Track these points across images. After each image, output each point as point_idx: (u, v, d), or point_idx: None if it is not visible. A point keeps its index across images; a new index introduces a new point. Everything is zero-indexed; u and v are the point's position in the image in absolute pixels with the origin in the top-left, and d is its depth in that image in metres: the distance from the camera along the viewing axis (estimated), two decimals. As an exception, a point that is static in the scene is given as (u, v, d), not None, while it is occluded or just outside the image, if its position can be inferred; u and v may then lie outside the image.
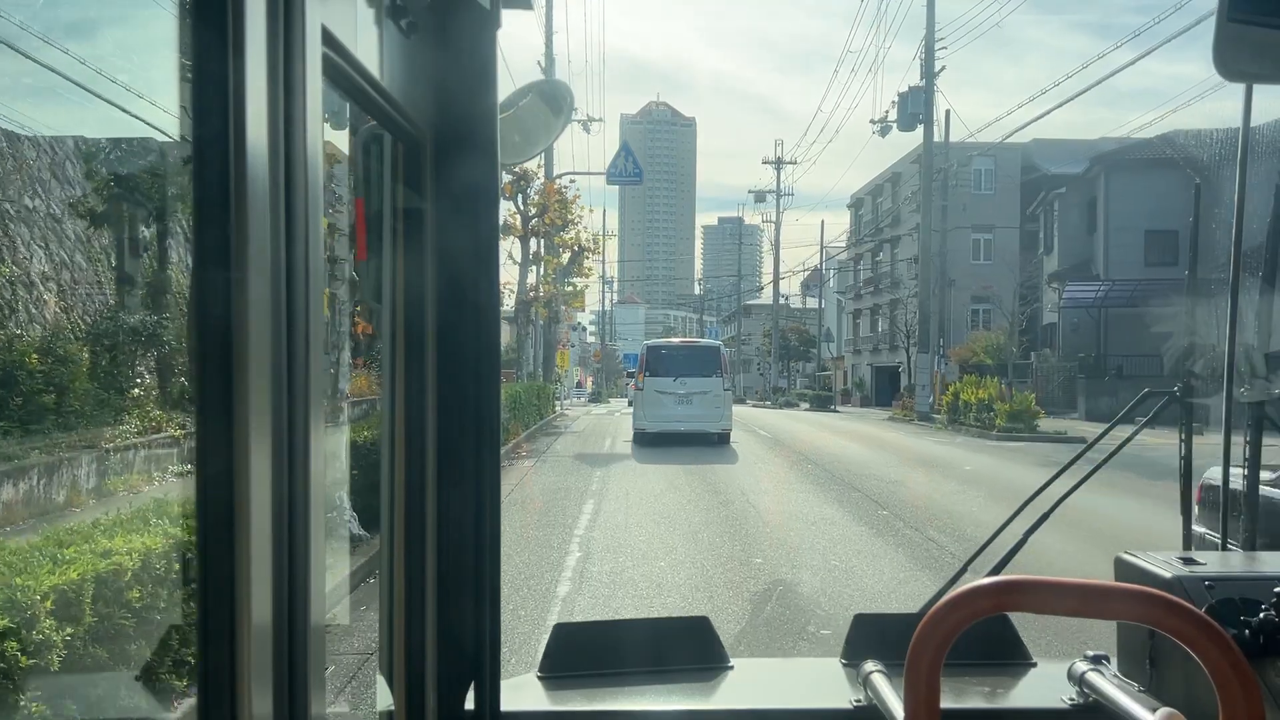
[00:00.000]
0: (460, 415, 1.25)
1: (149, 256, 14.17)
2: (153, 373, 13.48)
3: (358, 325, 9.91)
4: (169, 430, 12.18)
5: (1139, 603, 0.96)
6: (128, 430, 11.39)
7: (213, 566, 0.69)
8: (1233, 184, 1.95)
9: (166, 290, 14.08)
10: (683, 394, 19.69)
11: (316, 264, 0.78)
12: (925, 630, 0.95)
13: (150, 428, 11.92)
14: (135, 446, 11.30)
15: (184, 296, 14.59)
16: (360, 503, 8.23)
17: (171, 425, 12.29)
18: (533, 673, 1.77)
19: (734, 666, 1.82)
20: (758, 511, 11.07)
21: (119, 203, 12.83)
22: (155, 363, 13.46)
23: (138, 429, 11.55)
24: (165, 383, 13.62)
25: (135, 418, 11.79)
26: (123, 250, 13.33)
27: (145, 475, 11.23)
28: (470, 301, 1.24)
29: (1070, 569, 7.44)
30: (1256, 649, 1.32)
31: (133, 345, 11.98)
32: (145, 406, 12.19)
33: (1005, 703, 1.69)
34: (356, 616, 6.45)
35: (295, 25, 0.75)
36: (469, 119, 1.23)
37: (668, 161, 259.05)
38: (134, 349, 12.07)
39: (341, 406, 10.48)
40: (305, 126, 0.76)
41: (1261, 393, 2.02)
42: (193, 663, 4.06)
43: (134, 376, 12.17)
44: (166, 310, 13.42)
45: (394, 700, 1.24)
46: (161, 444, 11.95)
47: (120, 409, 11.62)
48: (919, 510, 11.19)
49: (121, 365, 12.17)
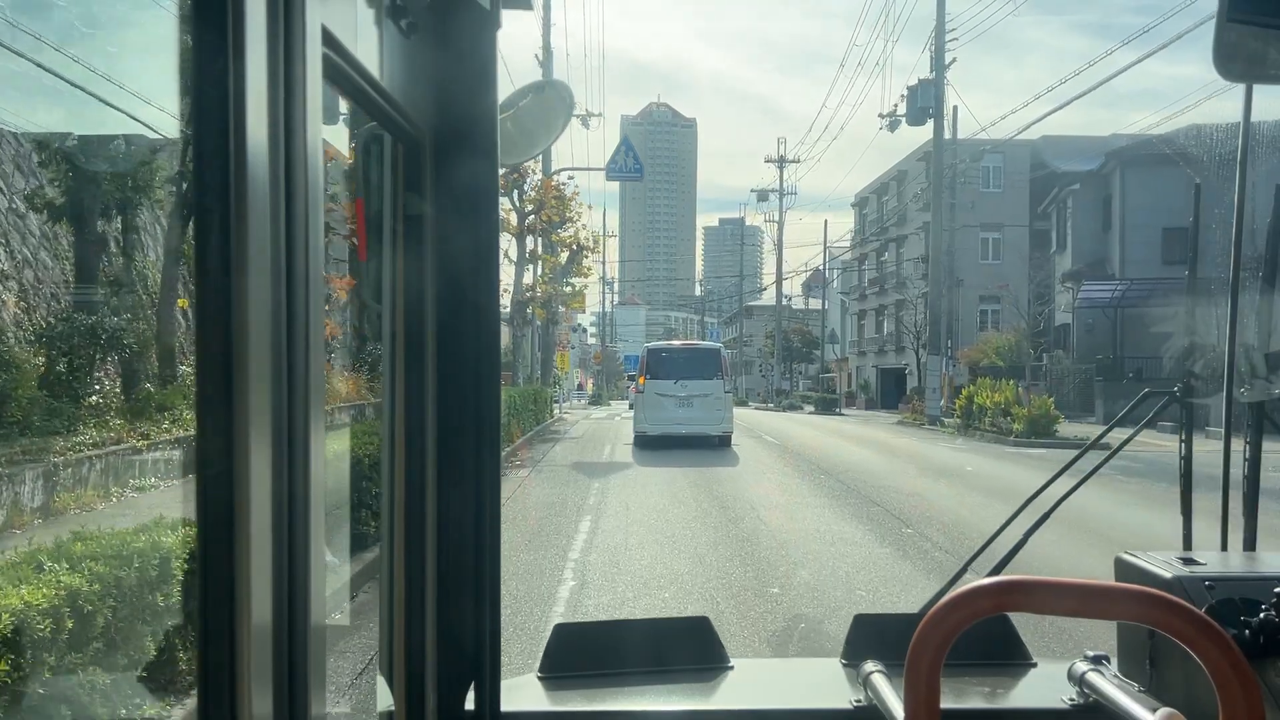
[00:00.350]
0: (460, 415, 1.25)
1: (114, 254, 13.25)
2: (115, 378, 12.57)
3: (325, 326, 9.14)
4: (130, 440, 11.28)
5: (1139, 603, 0.96)
6: (83, 441, 10.47)
7: (213, 566, 0.69)
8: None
9: (132, 289, 13.19)
10: (683, 397, 19.53)
11: (316, 264, 0.78)
12: (925, 630, 0.94)
13: (110, 439, 11.01)
14: (91, 459, 10.39)
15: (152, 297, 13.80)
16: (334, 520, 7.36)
17: (134, 435, 11.40)
18: (533, 673, 1.77)
19: (734, 667, 1.82)
20: (770, 530, 10.11)
21: (79, 197, 11.95)
22: (119, 367, 12.54)
23: (94, 440, 10.63)
24: (130, 389, 12.69)
25: (92, 428, 10.87)
26: (85, 248, 12.40)
27: (101, 491, 10.34)
28: (470, 302, 1.25)
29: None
30: (1257, 649, 1.31)
31: (91, 349, 11.03)
32: (104, 415, 11.26)
33: (1005, 703, 1.69)
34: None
35: (295, 25, 0.75)
36: (469, 119, 1.24)
37: (668, 162, 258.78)
38: (92, 352, 11.12)
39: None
40: (305, 127, 0.76)
41: (1262, 393, 2.00)
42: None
43: (92, 382, 11.22)
44: (129, 311, 12.49)
45: (394, 700, 1.24)
46: (125, 454, 11.06)
47: (75, 418, 10.69)
48: (947, 528, 10.25)
49: (79, 370, 11.22)
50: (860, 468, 16.51)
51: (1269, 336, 2.04)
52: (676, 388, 19.59)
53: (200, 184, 0.68)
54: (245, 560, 0.69)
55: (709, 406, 19.60)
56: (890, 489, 13.38)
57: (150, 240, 14.55)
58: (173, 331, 13.77)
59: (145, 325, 13.51)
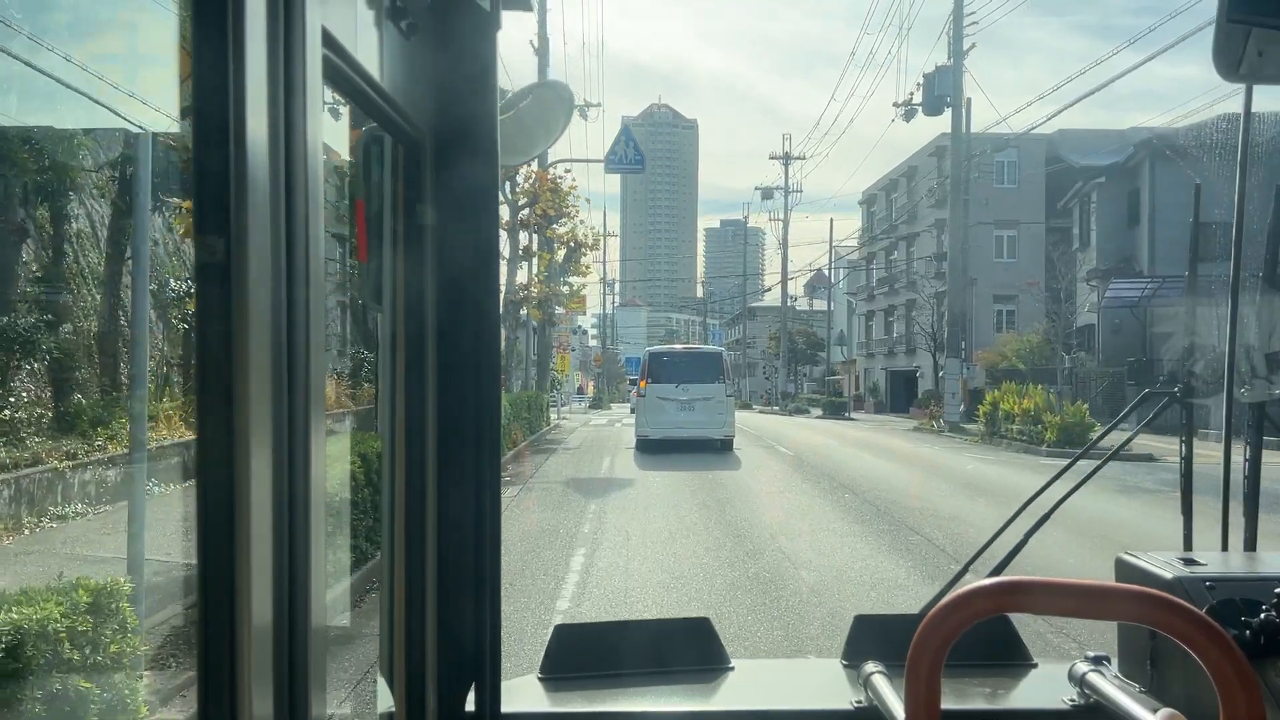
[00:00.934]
0: (460, 416, 1.25)
1: (32, 248, 11.69)
2: (45, 388, 11.03)
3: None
4: (52, 461, 9.75)
5: (1139, 603, 0.95)
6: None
7: (214, 568, 0.69)
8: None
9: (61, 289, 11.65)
10: (685, 400, 19.33)
11: (317, 265, 0.78)
12: (926, 631, 0.94)
13: (24, 460, 9.47)
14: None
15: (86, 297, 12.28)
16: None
17: (56, 456, 9.86)
18: (533, 674, 1.77)
19: (735, 668, 1.82)
20: (795, 567, 8.53)
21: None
22: (47, 376, 10.99)
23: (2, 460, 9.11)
24: (60, 399, 11.13)
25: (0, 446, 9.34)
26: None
27: (9, 522, 8.81)
28: (470, 302, 1.25)
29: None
30: (1257, 650, 1.31)
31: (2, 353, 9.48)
32: (19, 431, 9.71)
33: (1006, 704, 1.68)
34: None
35: (295, 27, 0.75)
36: (469, 120, 1.24)
37: (669, 164, 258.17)
38: (5, 359, 9.58)
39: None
40: (305, 128, 0.76)
41: (1262, 393, 1.99)
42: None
43: (7, 394, 9.67)
44: (54, 313, 10.93)
45: (394, 701, 1.24)
46: (44, 477, 9.54)
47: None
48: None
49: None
50: (886, 483, 14.94)
51: (1269, 337, 2.04)
52: (678, 391, 19.37)
53: (200, 185, 0.68)
54: (246, 561, 0.69)
55: (711, 410, 19.38)
56: (926, 512, 11.79)
57: (89, 237, 12.98)
58: (115, 337, 12.30)
59: (79, 329, 12.00)
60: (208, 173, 0.68)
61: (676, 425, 19.26)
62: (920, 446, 23.00)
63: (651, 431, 19.45)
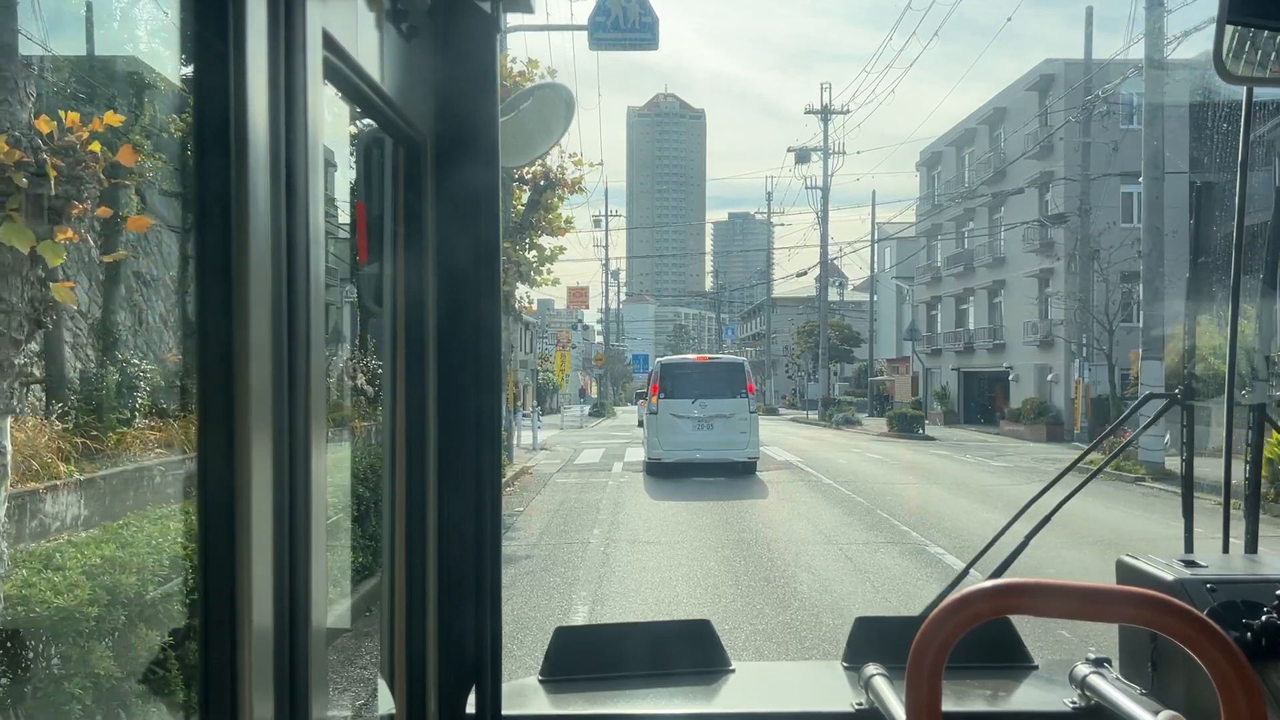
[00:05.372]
0: (461, 418, 1.25)
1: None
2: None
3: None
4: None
5: (1140, 605, 0.95)
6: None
7: (214, 570, 0.69)
8: None
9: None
10: (702, 418, 17.59)
11: (317, 267, 0.78)
12: (927, 633, 0.94)
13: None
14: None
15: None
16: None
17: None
18: (534, 676, 1.77)
19: (735, 670, 1.82)
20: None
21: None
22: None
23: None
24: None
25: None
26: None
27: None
28: (471, 304, 1.25)
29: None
30: (1258, 651, 1.31)
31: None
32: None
33: (1007, 706, 1.67)
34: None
35: (296, 28, 0.75)
36: (470, 122, 1.24)
37: (676, 156, 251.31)
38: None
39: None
40: (306, 129, 0.76)
41: (1263, 395, 1.98)
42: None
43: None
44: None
45: (395, 703, 1.24)
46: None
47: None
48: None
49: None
50: None
51: (1270, 338, 2.05)
52: (694, 408, 17.60)
53: (201, 186, 0.68)
54: (247, 563, 0.69)
55: (732, 429, 17.56)
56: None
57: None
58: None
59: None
60: (208, 175, 0.68)
61: (693, 446, 17.38)
62: (1148, 520, 12.86)
63: (665, 454, 17.42)
